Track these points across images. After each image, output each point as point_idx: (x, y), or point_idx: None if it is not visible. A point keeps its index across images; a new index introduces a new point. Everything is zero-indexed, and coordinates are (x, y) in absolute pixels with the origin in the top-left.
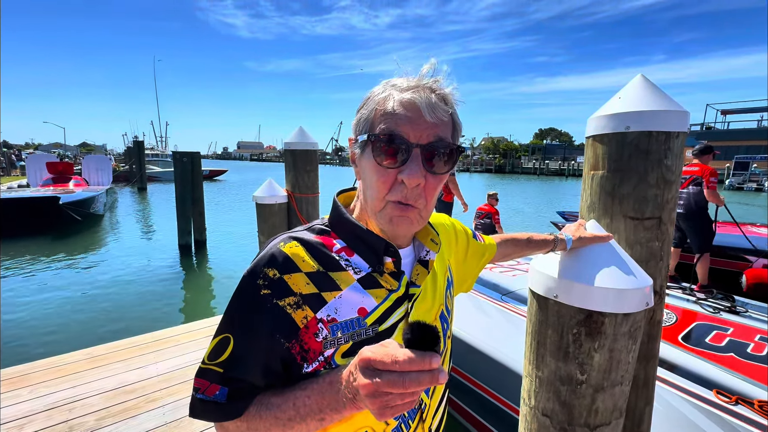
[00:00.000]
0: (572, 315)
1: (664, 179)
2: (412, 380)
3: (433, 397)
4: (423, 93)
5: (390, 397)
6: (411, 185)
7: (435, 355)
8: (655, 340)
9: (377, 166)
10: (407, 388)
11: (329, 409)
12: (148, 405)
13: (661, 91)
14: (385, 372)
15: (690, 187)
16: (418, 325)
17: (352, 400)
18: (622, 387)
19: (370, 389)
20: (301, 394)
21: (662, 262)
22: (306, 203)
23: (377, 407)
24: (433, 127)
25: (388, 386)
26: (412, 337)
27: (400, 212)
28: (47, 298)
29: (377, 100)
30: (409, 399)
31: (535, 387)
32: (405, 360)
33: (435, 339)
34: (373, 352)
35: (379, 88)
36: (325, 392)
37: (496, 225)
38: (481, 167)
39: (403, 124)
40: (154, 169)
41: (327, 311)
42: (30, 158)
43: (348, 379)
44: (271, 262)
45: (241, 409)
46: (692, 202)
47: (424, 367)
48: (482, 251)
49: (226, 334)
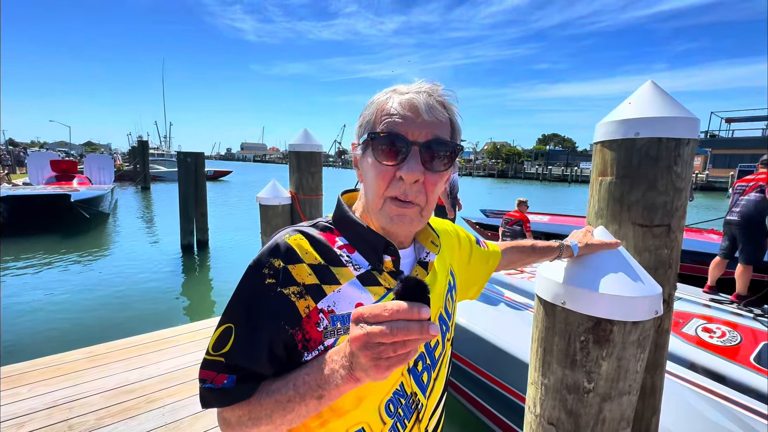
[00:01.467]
0: (580, 322)
1: (674, 186)
2: (400, 328)
3: (430, 397)
4: (421, 95)
5: (382, 348)
6: (409, 181)
7: (424, 305)
8: (663, 349)
9: (377, 163)
10: (395, 336)
11: (327, 383)
12: (148, 405)
13: (671, 97)
14: (376, 323)
15: (752, 194)
16: (408, 278)
17: (348, 370)
18: (630, 396)
19: (362, 340)
20: (301, 373)
21: (671, 270)
22: (309, 205)
23: (369, 359)
24: (430, 126)
25: (377, 335)
26: (401, 289)
27: (398, 209)
28: (51, 295)
29: (378, 103)
30: (402, 350)
31: (541, 394)
32: (394, 308)
33: (424, 291)
34: (364, 307)
35: (381, 93)
36: (323, 366)
37: (527, 232)
38: (483, 172)
39: (402, 123)
40: (159, 168)
41: (327, 302)
42: (31, 156)
43: (344, 348)
44: (275, 252)
45: (252, 389)
46: (752, 209)
47: (413, 316)
48: (486, 257)
49: (229, 324)
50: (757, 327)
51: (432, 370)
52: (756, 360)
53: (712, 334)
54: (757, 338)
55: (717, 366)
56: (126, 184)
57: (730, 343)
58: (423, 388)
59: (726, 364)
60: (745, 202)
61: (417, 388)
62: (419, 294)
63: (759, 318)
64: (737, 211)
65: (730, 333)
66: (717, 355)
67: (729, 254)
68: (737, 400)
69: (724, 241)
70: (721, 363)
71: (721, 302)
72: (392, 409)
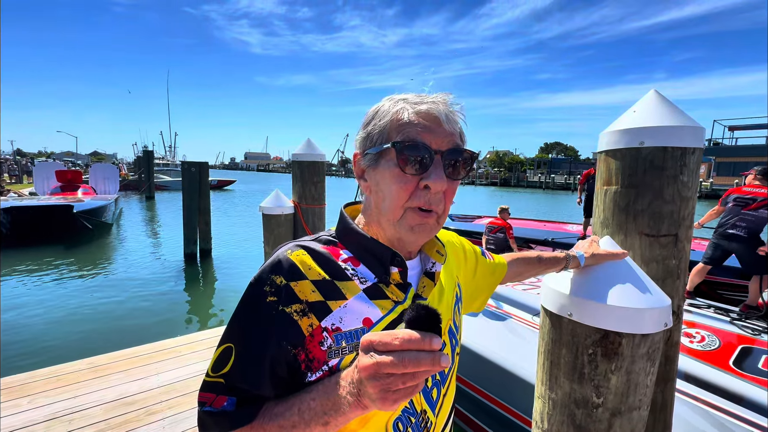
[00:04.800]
0: (587, 334)
1: (681, 195)
2: (411, 359)
3: (439, 414)
4: (439, 105)
5: (391, 379)
6: (436, 190)
7: (435, 336)
8: (673, 362)
9: (399, 174)
10: (406, 367)
11: (334, 410)
12: (148, 418)
13: (675, 106)
14: (386, 352)
15: (761, 210)
16: (420, 306)
17: (356, 397)
18: (640, 412)
19: (371, 370)
20: (306, 398)
21: (679, 281)
22: (312, 214)
23: (378, 391)
24: (450, 135)
25: (388, 365)
26: (412, 318)
27: (421, 219)
28: (54, 305)
29: (393, 113)
30: (411, 382)
31: (549, 409)
32: (405, 338)
33: (436, 320)
34: (374, 334)
35: (388, 103)
36: (330, 392)
37: (510, 240)
38: (486, 180)
39: (424, 132)
40: (164, 178)
41: (332, 320)
42: (37, 166)
43: (352, 374)
44: (277, 269)
45: (254, 413)
46: (759, 226)
47: (424, 347)
48: (492, 269)
49: (229, 343)
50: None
51: (441, 385)
52: (735, 364)
53: (692, 339)
54: (735, 342)
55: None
56: (131, 194)
57: (709, 348)
58: (432, 404)
59: (706, 368)
60: (753, 219)
61: (426, 405)
62: (431, 323)
63: (736, 322)
64: (743, 226)
65: (710, 337)
66: (697, 360)
67: (716, 264)
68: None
69: (715, 250)
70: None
71: (699, 307)
72: (401, 427)
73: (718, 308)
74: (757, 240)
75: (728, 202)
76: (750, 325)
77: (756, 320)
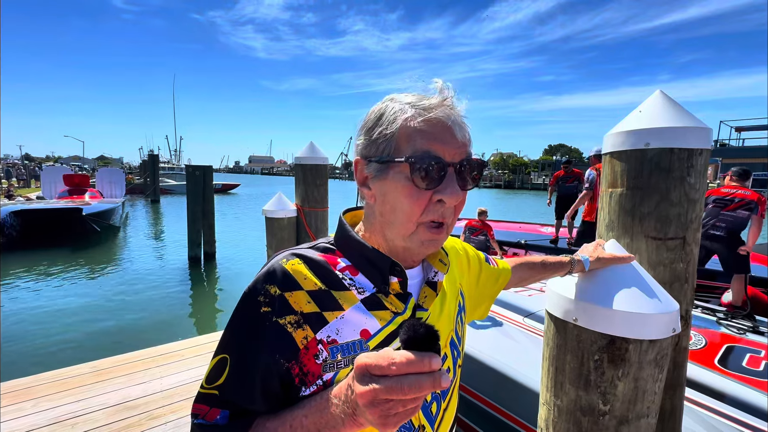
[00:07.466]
0: (593, 340)
1: (688, 198)
2: (411, 384)
3: (439, 429)
4: (449, 111)
5: (390, 404)
6: (451, 204)
7: (434, 355)
8: (681, 368)
9: (412, 188)
10: (407, 393)
11: (327, 428)
12: (151, 422)
13: (681, 107)
14: (383, 377)
15: (739, 210)
16: (416, 324)
17: (351, 415)
18: (648, 419)
19: (369, 397)
20: (299, 414)
21: (687, 285)
22: (315, 217)
23: (377, 416)
24: (463, 145)
25: (386, 392)
26: (409, 337)
27: (433, 234)
28: (60, 308)
29: (400, 121)
30: (411, 405)
31: (554, 416)
32: (402, 362)
33: (434, 338)
34: (368, 357)
35: (393, 106)
36: (323, 410)
37: (491, 240)
38: (490, 183)
39: (436, 143)
40: (169, 182)
41: (327, 332)
42: (45, 170)
43: (346, 393)
44: (271, 278)
45: (246, 427)
46: (739, 228)
47: (423, 369)
48: (496, 276)
49: (224, 354)
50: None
51: (442, 399)
52: (720, 362)
53: None
54: (720, 341)
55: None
56: (136, 197)
57: (695, 347)
58: (432, 419)
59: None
60: (733, 219)
61: (425, 420)
62: (429, 342)
63: (722, 322)
64: (723, 226)
65: (696, 337)
66: None
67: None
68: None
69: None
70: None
71: None
72: None
73: (705, 308)
74: (737, 240)
75: (708, 204)
76: (736, 325)
77: (741, 320)
